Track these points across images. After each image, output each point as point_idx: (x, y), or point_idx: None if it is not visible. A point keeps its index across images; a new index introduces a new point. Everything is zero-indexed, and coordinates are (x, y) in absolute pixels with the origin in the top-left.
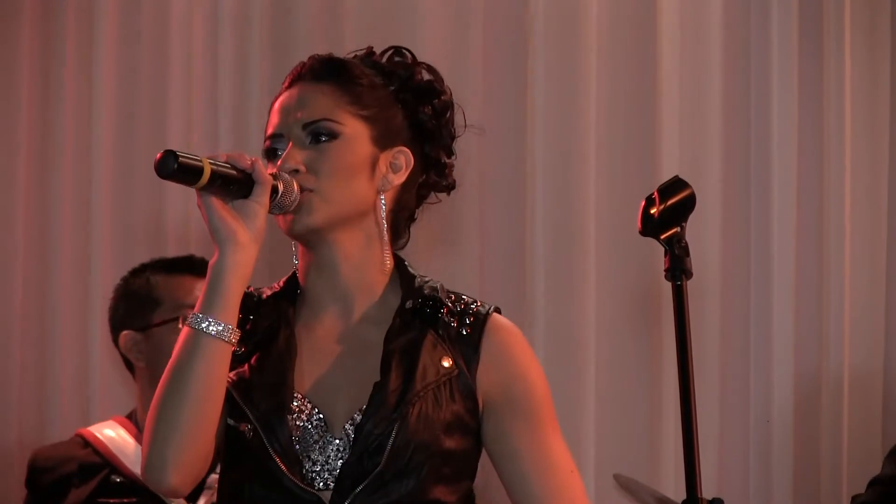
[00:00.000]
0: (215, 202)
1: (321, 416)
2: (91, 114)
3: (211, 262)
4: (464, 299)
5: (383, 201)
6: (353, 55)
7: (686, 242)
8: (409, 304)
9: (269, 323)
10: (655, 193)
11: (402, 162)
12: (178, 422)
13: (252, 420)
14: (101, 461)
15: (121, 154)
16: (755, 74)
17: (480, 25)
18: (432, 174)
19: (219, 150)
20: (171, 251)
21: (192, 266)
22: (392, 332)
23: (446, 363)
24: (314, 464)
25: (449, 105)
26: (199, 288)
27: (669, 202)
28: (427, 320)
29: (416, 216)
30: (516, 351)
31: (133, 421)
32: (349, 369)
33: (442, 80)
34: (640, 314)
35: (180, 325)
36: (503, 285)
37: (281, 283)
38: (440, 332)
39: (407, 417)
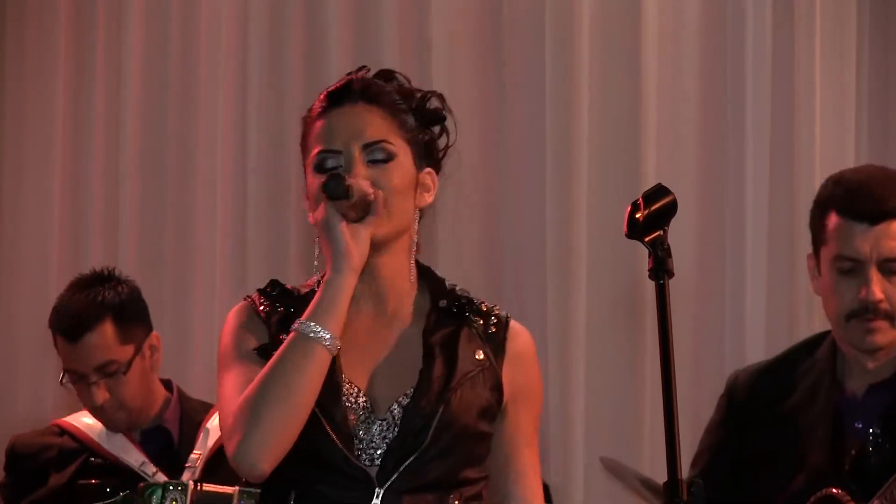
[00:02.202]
0: (344, 226)
1: (366, 399)
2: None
3: (327, 277)
4: (485, 303)
5: (417, 218)
6: (347, 74)
7: (668, 244)
8: (442, 303)
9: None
10: (640, 199)
11: (429, 182)
12: (280, 419)
13: None
14: (79, 446)
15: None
16: (731, 80)
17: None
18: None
19: None
20: (199, 242)
21: (69, 333)
22: (430, 326)
23: (479, 355)
24: (360, 441)
25: (446, 129)
26: (74, 356)
27: (653, 207)
28: (457, 318)
29: None
30: (532, 356)
31: None
32: (388, 359)
33: (445, 105)
34: (626, 311)
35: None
36: (514, 284)
37: (315, 280)
38: (472, 328)
39: (450, 402)
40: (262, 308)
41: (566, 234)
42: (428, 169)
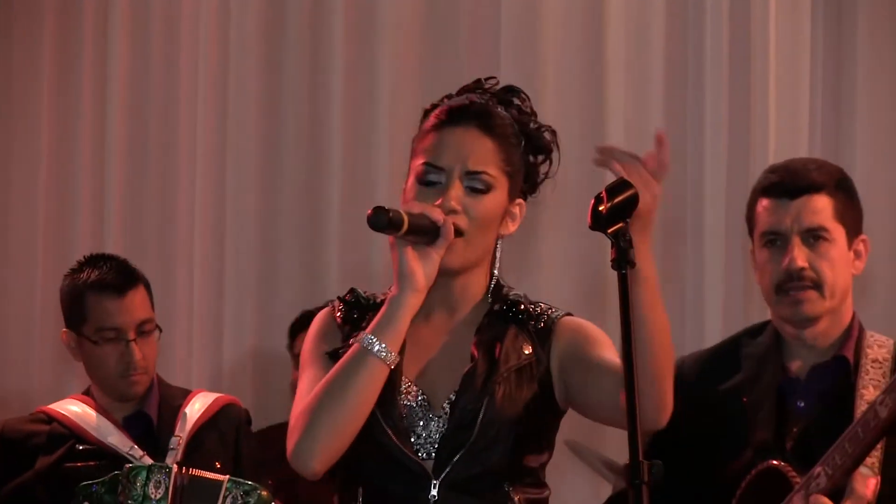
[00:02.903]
0: (409, 249)
1: (424, 396)
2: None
3: (391, 295)
4: (541, 305)
5: (499, 245)
6: (468, 87)
7: (630, 236)
8: (496, 307)
9: None
10: (603, 192)
11: (517, 212)
12: (334, 424)
13: None
14: (66, 432)
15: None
16: (691, 85)
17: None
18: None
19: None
20: (180, 238)
21: (117, 288)
22: (482, 329)
23: (527, 350)
24: (418, 437)
25: (551, 162)
26: (121, 310)
27: (616, 200)
28: (510, 320)
29: None
30: (584, 326)
31: (90, 396)
32: (448, 360)
33: (556, 140)
34: (590, 300)
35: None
36: None
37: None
38: (522, 328)
39: (494, 395)
40: (338, 314)
41: (532, 226)
42: (519, 200)
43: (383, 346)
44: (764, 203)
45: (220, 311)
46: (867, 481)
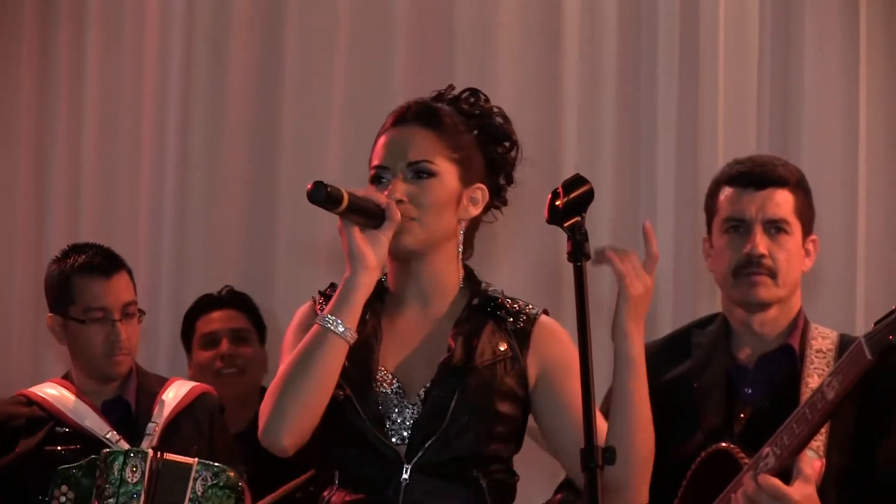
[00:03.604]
0: (356, 230)
1: (400, 385)
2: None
3: (344, 277)
4: (519, 301)
5: (462, 228)
6: (435, 93)
7: (586, 229)
8: (475, 301)
9: (361, 315)
10: (560, 188)
11: (479, 197)
12: (299, 400)
13: (346, 387)
14: (46, 415)
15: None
16: (644, 87)
17: (404, 28)
18: (495, 199)
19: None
20: (144, 231)
21: (104, 270)
22: (460, 321)
23: (502, 347)
24: (393, 423)
25: (515, 145)
26: (107, 292)
27: (572, 195)
28: (489, 315)
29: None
30: (561, 336)
31: (69, 380)
32: (423, 350)
33: (510, 124)
34: (547, 291)
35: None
36: None
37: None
38: (499, 324)
39: (467, 386)
40: (318, 307)
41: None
42: (479, 185)
43: (340, 322)
44: (728, 192)
45: (180, 298)
46: (812, 462)
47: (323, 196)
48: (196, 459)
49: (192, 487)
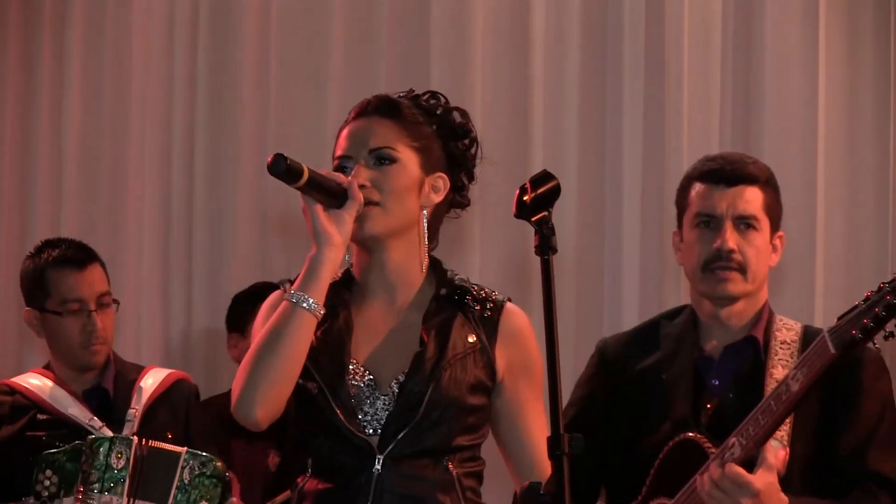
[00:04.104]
0: (319, 208)
1: (371, 377)
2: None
3: (310, 255)
4: (485, 289)
5: (426, 215)
6: (396, 96)
7: (553, 224)
8: (443, 291)
9: (330, 305)
10: (528, 184)
11: (441, 185)
12: (270, 373)
13: (318, 381)
14: (28, 403)
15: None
16: (609, 87)
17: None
18: (456, 196)
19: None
20: (131, 223)
21: (78, 263)
22: (429, 313)
23: (471, 339)
24: (365, 415)
25: (475, 142)
26: (82, 283)
27: (539, 191)
28: (456, 305)
29: (442, 220)
30: (526, 333)
31: (50, 370)
32: (393, 342)
33: (470, 121)
34: (515, 284)
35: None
36: None
37: (338, 276)
38: (467, 314)
39: (440, 380)
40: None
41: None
42: (440, 174)
43: (305, 297)
44: (699, 188)
45: (166, 289)
46: (777, 452)
47: (283, 168)
48: (185, 448)
49: (180, 476)
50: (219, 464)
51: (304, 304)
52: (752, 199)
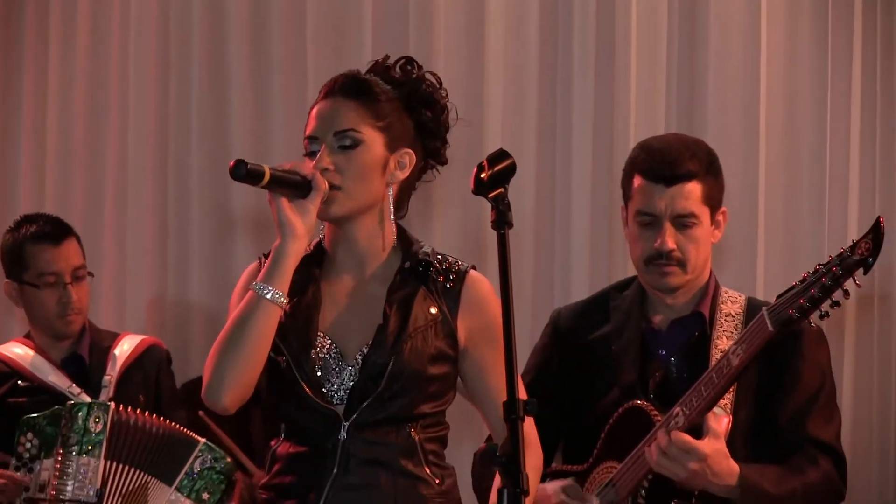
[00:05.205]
0: (284, 201)
1: (337, 348)
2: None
3: (274, 245)
4: (448, 259)
5: (391, 192)
6: (372, 62)
7: (508, 200)
8: (407, 264)
9: (300, 280)
10: (485, 161)
11: (406, 161)
12: (235, 361)
13: (286, 354)
14: (10, 371)
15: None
16: (560, 77)
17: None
18: (430, 160)
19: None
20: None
21: (54, 238)
22: (393, 286)
23: (433, 310)
24: (332, 384)
25: (445, 108)
26: (58, 257)
27: (496, 168)
28: (420, 278)
29: (415, 187)
30: (488, 299)
31: (30, 339)
32: (359, 314)
33: (441, 87)
34: (473, 257)
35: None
36: None
37: (310, 248)
38: (430, 286)
39: (402, 352)
40: (261, 270)
41: (421, 192)
42: (406, 150)
43: (273, 290)
44: (639, 182)
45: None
46: (720, 419)
47: (244, 172)
48: (203, 440)
49: (191, 463)
50: (230, 460)
51: (268, 295)
52: (690, 195)
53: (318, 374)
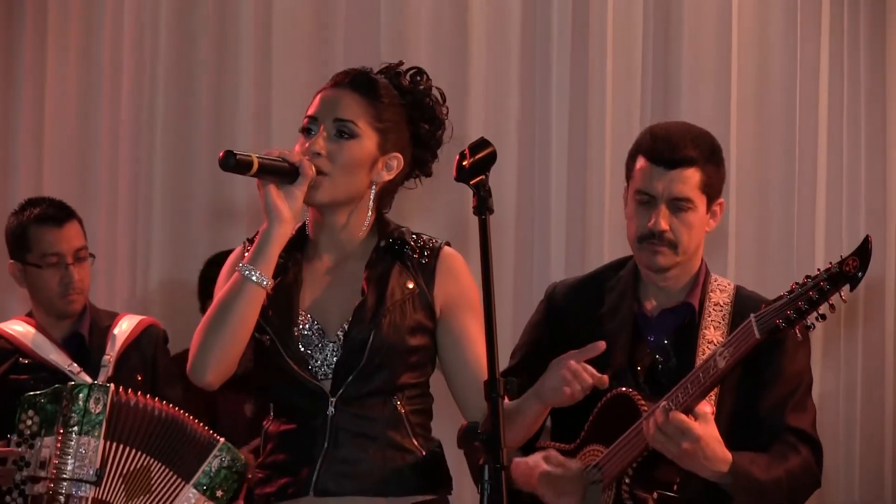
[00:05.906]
0: (272, 187)
1: (319, 325)
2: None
3: (261, 229)
4: (423, 237)
5: (374, 190)
6: (384, 65)
7: (489, 187)
8: (382, 243)
9: (282, 263)
10: (467, 149)
11: (394, 164)
12: (220, 342)
13: (270, 333)
14: (12, 348)
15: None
16: (539, 69)
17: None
18: (416, 170)
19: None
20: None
21: (57, 220)
22: (370, 263)
23: (410, 285)
24: (316, 361)
25: (443, 124)
26: (60, 239)
27: (477, 156)
28: (396, 255)
29: (397, 190)
30: (461, 269)
31: (32, 317)
32: (339, 292)
33: (444, 103)
34: (457, 243)
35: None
36: None
37: (294, 232)
38: (406, 263)
39: (380, 326)
40: (246, 252)
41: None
42: (396, 154)
43: (258, 272)
44: (642, 163)
45: (134, 246)
46: (704, 406)
47: (233, 163)
48: (223, 439)
49: (210, 462)
50: (244, 460)
51: (254, 278)
52: (688, 180)
53: (302, 349)
